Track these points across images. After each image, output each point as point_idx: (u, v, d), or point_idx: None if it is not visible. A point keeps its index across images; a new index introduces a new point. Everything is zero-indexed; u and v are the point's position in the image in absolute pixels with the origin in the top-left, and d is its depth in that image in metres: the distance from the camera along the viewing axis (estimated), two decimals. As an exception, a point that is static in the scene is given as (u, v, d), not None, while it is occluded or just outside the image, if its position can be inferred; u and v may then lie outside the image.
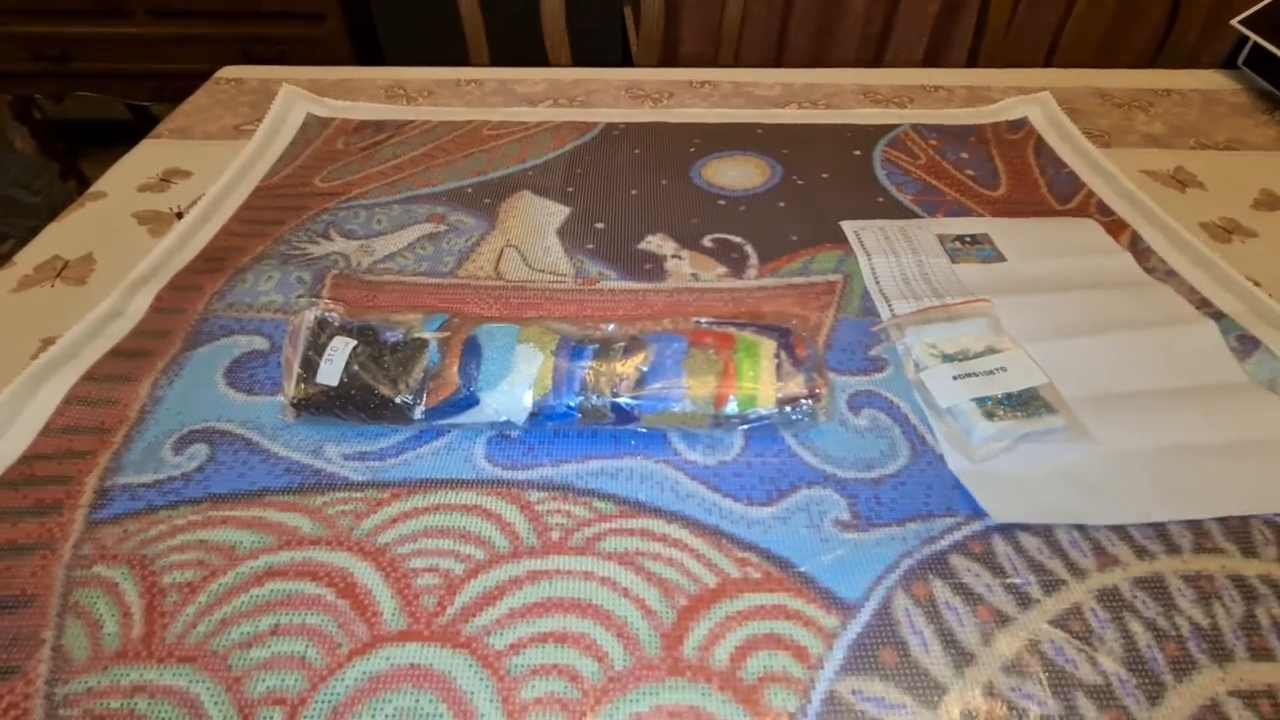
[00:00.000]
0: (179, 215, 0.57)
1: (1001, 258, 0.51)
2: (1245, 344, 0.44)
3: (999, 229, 0.54)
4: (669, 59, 1.19)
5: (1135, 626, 0.32)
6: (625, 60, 1.37)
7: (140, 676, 0.30)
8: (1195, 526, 0.35)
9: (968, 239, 0.53)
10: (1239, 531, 0.35)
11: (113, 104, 1.51)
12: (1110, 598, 0.33)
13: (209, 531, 0.35)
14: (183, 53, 1.39)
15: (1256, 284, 0.50)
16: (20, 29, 1.38)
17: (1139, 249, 0.52)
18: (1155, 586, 0.33)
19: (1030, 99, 0.71)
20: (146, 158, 0.65)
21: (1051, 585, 0.33)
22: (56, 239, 0.55)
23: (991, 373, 0.40)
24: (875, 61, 1.20)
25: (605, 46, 1.38)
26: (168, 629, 0.31)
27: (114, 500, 0.36)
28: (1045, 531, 0.35)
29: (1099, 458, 0.38)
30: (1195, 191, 0.60)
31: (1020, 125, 0.68)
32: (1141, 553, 0.34)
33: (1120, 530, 0.35)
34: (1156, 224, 0.54)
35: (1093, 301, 0.47)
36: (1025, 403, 0.39)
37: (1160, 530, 0.35)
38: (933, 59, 1.17)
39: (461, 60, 0.98)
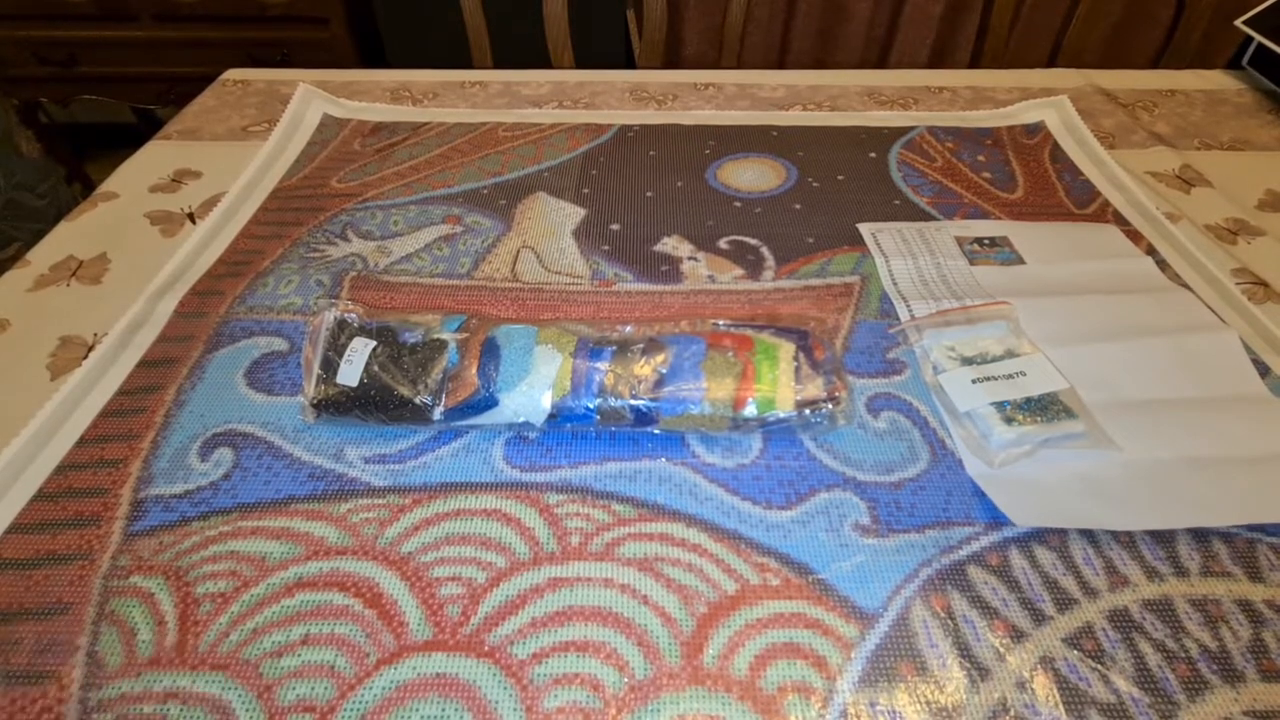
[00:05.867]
0: (190, 216, 0.57)
1: (1020, 261, 0.51)
2: (1259, 367, 0.44)
3: (1018, 232, 0.54)
4: (671, 61, 1.19)
5: (1145, 647, 0.32)
6: (628, 63, 1.37)
7: (173, 683, 0.30)
8: (1204, 548, 0.35)
9: (986, 241, 0.53)
10: (1246, 555, 0.35)
11: (118, 108, 1.51)
12: (1120, 618, 0.33)
13: (240, 542, 0.35)
14: (188, 56, 1.39)
15: (1265, 284, 0.50)
16: (26, 33, 1.38)
17: (1159, 256, 0.52)
18: (1163, 609, 0.33)
19: (1047, 102, 0.70)
20: (155, 158, 0.65)
21: (1065, 603, 0.33)
22: (70, 238, 0.55)
23: (1011, 376, 0.40)
24: (880, 64, 1.20)
25: (608, 49, 1.38)
26: (201, 637, 0.32)
27: (149, 512, 0.37)
28: (1061, 546, 0.35)
29: (1119, 464, 0.38)
30: (1200, 192, 0.60)
31: (1036, 129, 0.68)
32: (1151, 574, 0.34)
33: (1132, 549, 0.35)
34: (1169, 239, 0.54)
35: (1114, 306, 0.47)
36: (1045, 407, 0.39)
37: (1170, 551, 0.35)
38: (937, 61, 1.17)
39: (464, 63, 0.98)
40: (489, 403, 0.38)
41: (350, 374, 0.38)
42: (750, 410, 0.38)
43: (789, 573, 0.34)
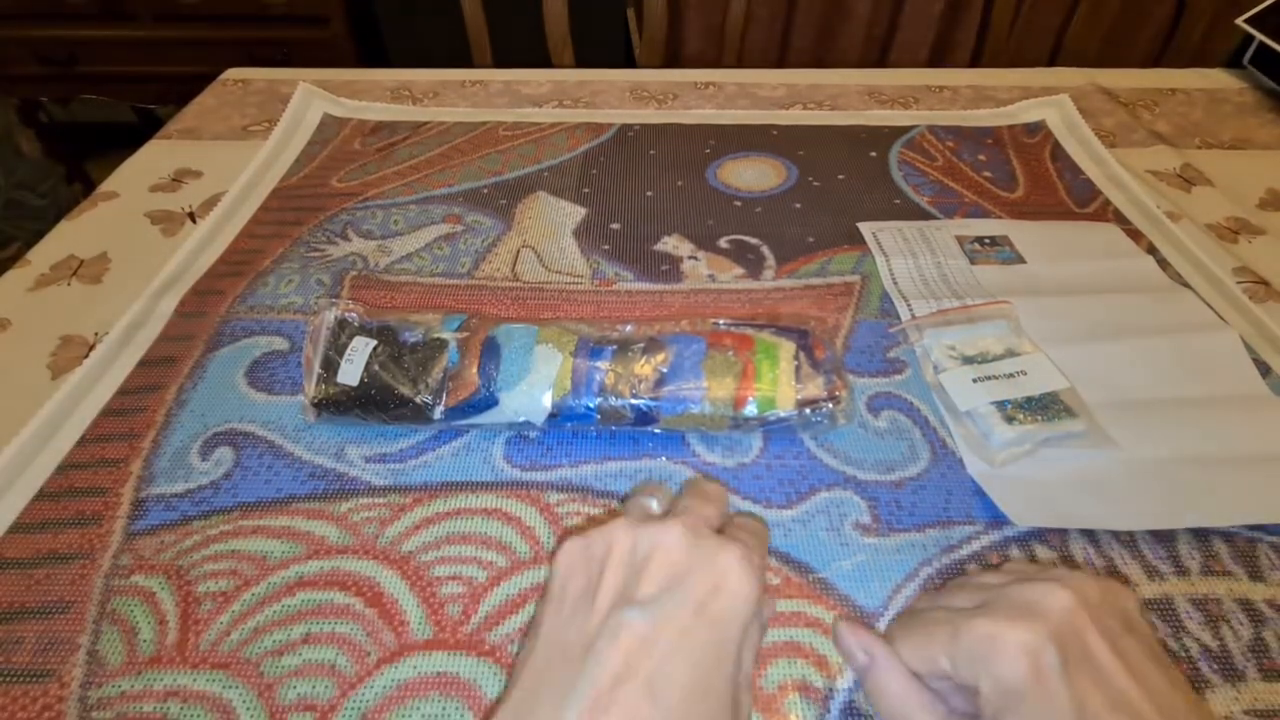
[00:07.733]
0: (191, 215, 0.57)
1: (1021, 260, 0.51)
2: (1260, 366, 0.44)
3: (1018, 231, 0.54)
4: (672, 60, 1.19)
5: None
6: (628, 62, 1.37)
7: (174, 681, 0.30)
8: (1204, 548, 0.35)
9: (986, 240, 0.53)
10: (1246, 555, 0.35)
11: (118, 107, 1.51)
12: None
13: (240, 541, 0.35)
14: (188, 56, 1.39)
15: (1265, 283, 0.50)
16: (27, 33, 1.38)
17: (1160, 254, 0.52)
18: (1164, 608, 0.33)
19: (1047, 101, 0.70)
20: (156, 158, 0.65)
21: None
22: (70, 238, 0.55)
23: (1011, 375, 0.40)
24: (880, 63, 1.20)
25: (608, 48, 1.38)
26: (201, 636, 0.32)
27: (149, 512, 0.37)
28: (1061, 546, 0.35)
29: (1119, 463, 0.38)
30: (1201, 190, 0.60)
31: (1037, 129, 0.68)
32: (1152, 573, 0.34)
33: (1132, 548, 0.35)
34: (1169, 239, 0.54)
35: (1114, 305, 0.47)
36: (1045, 406, 0.39)
37: (1170, 550, 0.35)
38: (937, 59, 1.17)
39: (465, 63, 0.98)
40: (489, 402, 0.38)
41: (350, 373, 0.38)
42: (751, 409, 0.38)
43: (789, 571, 0.34)
